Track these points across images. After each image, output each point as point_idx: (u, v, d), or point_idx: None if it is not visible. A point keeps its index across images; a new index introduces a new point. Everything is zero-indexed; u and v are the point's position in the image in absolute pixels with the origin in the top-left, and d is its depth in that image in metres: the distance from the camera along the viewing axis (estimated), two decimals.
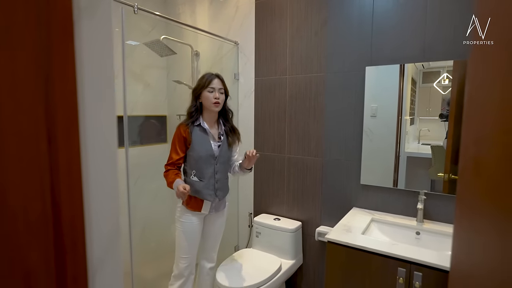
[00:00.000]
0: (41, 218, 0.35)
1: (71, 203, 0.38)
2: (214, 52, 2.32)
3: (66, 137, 0.36)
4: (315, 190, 1.96)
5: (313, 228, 1.97)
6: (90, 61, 0.37)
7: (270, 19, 2.04)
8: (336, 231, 1.47)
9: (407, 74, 1.63)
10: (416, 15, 1.56)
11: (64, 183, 0.37)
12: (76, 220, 0.38)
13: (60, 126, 0.36)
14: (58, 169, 0.36)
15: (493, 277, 0.50)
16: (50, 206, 0.36)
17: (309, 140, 1.95)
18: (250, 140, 2.21)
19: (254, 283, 1.60)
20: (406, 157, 1.66)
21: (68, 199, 0.37)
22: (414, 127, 1.68)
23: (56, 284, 0.37)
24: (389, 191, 1.70)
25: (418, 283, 1.18)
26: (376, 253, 1.28)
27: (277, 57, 2.04)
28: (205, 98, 1.55)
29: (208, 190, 1.58)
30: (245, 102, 2.22)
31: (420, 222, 1.55)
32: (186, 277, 1.62)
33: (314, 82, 1.90)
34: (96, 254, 0.41)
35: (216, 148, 1.60)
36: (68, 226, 0.38)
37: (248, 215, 2.28)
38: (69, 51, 0.34)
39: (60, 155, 0.36)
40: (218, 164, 1.61)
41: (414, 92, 1.67)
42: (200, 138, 1.56)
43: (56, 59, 0.33)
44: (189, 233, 1.60)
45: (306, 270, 2.05)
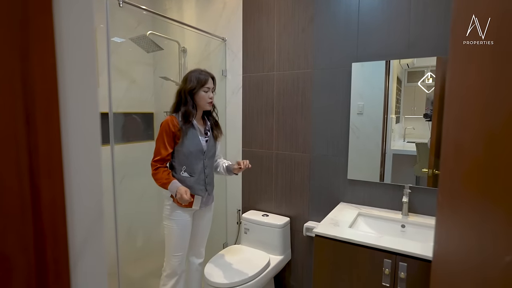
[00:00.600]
0: (18, 199, 0.34)
1: (50, 185, 0.37)
2: (201, 48, 2.31)
3: (46, 116, 0.35)
4: (303, 185, 1.97)
5: (301, 223, 1.98)
6: (70, 34, 0.36)
7: (258, 16, 2.05)
8: (323, 225, 1.48)
9: (392, 73, 1.66)
10: (401, 13, 1.59)
11: (44, 163, 0.36)
12: (56, 202, 0.37)
13: (39, 104, 0.34)
14: (37, 149, 0.35)
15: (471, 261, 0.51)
16: (28, 188, 0.35)
17: (297, 136, 1.97)
18: (238, 136, 2.21)
19: (242, 278, 1.60)
20: (392, 154, 1.70)
21: (48, 180, 0.36)
22: (399, 125, 1.71)
23: (35, 268, 0.36)
24: (376, 186, 1.73)
25: (403, 274, 1.21)
26: (362, 245, 1.30)
27: (265, 53, 2.04)
28: (200, 97, 1.56)
29: (199, 186, 1.59)
30: (232, 99, 2.22)
31: (405, 215, 1.58)
32: (179, 275, 1.61)
33: (302, 78, 1.91)
34: (78, 236, 0.40)
35: (204, 143, 1.61)
36: (48, 209, 0.37)
37: (236, 212, 2.28)
38: (47, 24, 0.33)
39: (39, 135, 0.35)
40: (207, 159, 1.63)
41: (400, 91, 1.70)
42: (190, 134, 1.56)
43: (34, 32, 0.32)
44: (182, 230, 1.58)
45: (294, 265, 2.07)
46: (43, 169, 0.36)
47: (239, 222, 2.26)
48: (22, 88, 0.34)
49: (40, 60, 0.33)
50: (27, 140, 0.34)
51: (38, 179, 0.36)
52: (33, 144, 0.35)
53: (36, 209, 0.35)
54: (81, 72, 0.38)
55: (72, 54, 0.37)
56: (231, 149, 2.26)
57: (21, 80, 0.33)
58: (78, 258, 0.40)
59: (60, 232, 0.39)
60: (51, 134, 0.37)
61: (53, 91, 0.36)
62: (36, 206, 0.35)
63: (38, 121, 0.35)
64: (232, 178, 2.28)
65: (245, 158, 2.19)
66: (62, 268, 0.39)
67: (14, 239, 0.34)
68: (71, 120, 0.38)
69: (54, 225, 0.38)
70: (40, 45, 0.33)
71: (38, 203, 0.36)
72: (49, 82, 0.36)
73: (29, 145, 0.35)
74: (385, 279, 1.25)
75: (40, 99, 0.35)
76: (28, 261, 0.35)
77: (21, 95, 0.34)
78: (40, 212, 0.36)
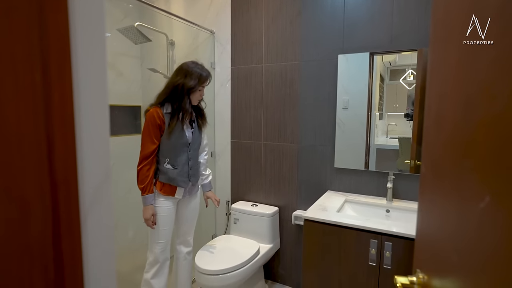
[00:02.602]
0: (35, 148, 0.35)
1: (64, 138, 0.38)
2: (189, 41, 2.31)
3: (60, 71, 0.37)
4: (291, 175, 2.01)
5: (289, 213, 2.02)
6: None
7: (246, 8, 2.07)
8: (312, 210, 1.53)
9: (376, 71, 1.72)
10: (384, 8, 1.66)
11: (57, 118, 0.38)
12: (68, 155, 0.39)
13: (53, 58, 0.36)
14: (51, 103, 0.37)
15: (450, 227, 0.55)
16: (44, 137, 0.36)
17: (285, 127, 2.01)
18: (226, 128, 2.23)
19: (233, 265, 1.62)
20: (376, 149, 1.76)
21: (61, 134, 0.38)
22: (382, 122, 1.78)
23: (51, 218, 0.37)
24: (362, 173, 1.79)
25: (388, 253, 1.27)
26: (350, 227, 1.35)
27: (253, 46, 2.07)
28: (196, 95, 1.56)
29: (182, 177, 1.58)
30: (221, 91, 2.23)
31: (390, 201, 1.65)
32: (161, 263, 1.61)
33: (289, 70, 1.95)
34: (88, 193, 0.41)
35: (190, 135, 1.61)
36: (62, 162, 0.38)
37: (225, 203, 2.30)
38: None
39: (54, 89, 0.37)
40: (192, 151, 1.62)
41: (383, 89, 1.77)
42: (176, 126, 1.53)
43: None
44: (163, 217, 1.58)
45: (283, 254, 2.11)
46: (56, 123, 0.38)
47: (228, 213, 2.29)
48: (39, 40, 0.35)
49: (54, 17, 0.35)
50: (43, 91, 0.36)
51: (52, 131, 0.37)
52: (48, 97, 0.37)
53: (51, 159, 0.37)
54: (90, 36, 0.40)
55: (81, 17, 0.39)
56: (220, 141, 2.28)
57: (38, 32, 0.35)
58: (87, 213, 0.42)
59: (72, 186, 0.40)
60: (64, 88, 0.39)
61: (66, 47, 0.38)
62: (51, 156, 0.37)
63: (52, 73, 0.37)
64: (221, 169, 2.30)
65: (234, 149, 2.22)
66: (74, 220, 0.41)
67: (33, 187, 0.36)
68: (82, 78, 0.40)
69: (66, 178, 0.39)
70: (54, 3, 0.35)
71: (52, 153, 0.37)
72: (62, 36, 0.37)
73: (45, 96, 0.36)
74: (371, 259, 1.30)
75: (55, 52, 0.37)
76: (45, 209, 0.37)
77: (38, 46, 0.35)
78: (54, 163, 0.38)
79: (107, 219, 0.43)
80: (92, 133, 0.42)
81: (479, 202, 0.45)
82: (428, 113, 0.65)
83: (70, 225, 0.40)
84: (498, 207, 0.41)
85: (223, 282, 1.60)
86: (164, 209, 1.58)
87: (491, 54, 0.44)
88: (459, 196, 0.52)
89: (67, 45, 0.38)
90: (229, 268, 1.61)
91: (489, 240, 0.42)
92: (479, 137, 0.46)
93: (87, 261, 0.42)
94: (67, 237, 0.39)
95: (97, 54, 0.40)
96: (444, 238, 0.58)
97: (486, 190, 0.43)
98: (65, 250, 0.39)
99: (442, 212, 0.60)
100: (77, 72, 0.39)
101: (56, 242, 0.38)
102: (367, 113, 1.75)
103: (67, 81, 0.38)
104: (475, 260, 0.46)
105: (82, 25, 0.38)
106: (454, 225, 0.54)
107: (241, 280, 1.67)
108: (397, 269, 1.25)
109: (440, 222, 0.62)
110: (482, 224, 0.45)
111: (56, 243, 0.38)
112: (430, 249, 0.65)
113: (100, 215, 0.42)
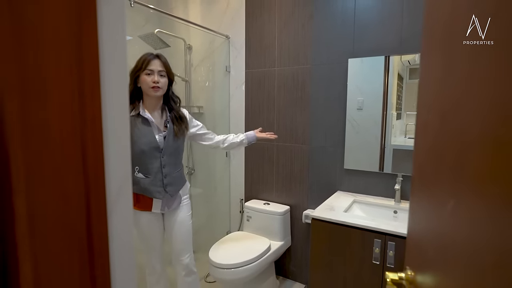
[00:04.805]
0: (73, 154, 0.45)
1: (94, 146, 0.48)
2: (206, 45, 2.42)
3: (92, 94, 0.46)
4: (302, 175, 2.08)
5: (300, 211, 2.09)
6: (108, 32, 0.47)
7: (260, 13, 2.15)
8: (320, 209, 1.59)
9: (392, 70, 1.71)
10: (394, 11, 1.68)
11: (89, 130, 0.47)
12: (97, 160, 0.48)
13: (87, 84, 0.46)
14: (85, 119, 0.46)
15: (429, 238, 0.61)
16: (79, 145, 0.46)
17: (296, 128, 2.07)
18: (241, 129, 2.32)
19: (244, 260, 1.71)
20: (392, 149, 1.75)
21: (92, 143, 0.47)
22: (401, 121, 1.77)
23: (85, 209, 0.47)
24: (371, 175, 1.83)
25: (391, 252, 1.31)
26: (355, 227, 1.41)
27: (266, 50, 2.15)
28: (143, 81, 1.36)
29: (156, 187, 1.41)
30: (236, 93, 2.32)
31: (398, 202, 1.68)
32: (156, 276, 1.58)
33: (301, 73, 2.01)
34: (113, 190, 0.51)
35: (161, 139, 1.41)
36: (92, 165, 0.48)
37: (239, 201, 2.39)
38: (93, 22, 0.44)
39: (87, 108, 0.46)
40: (165, 157, 1.42)
41: (401, 88, 1.75)
42: (141, 129, 1.36)
43: (86, 25, 0.43)
44: (141, 233, 1.49)
45: (294, 251, 2.18)
46: (89, 136, 0.47)
47: (242, 211, 2.38)
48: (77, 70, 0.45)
49: (88, 47, 0.44)
50: (79, 110, 0.46)
51: (85, 142, 0.47)
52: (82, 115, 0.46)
53: (85, 165, 0.47)
54: (115, 64, 0.49)
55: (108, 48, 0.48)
56: None
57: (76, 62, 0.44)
58: (112, 208, 0.52)
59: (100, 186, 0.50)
60: (94, 107, 0.48)
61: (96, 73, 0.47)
62: (85, 163, 0.47)
63: (86, 95, 0.46)
64: (235, 168, 2.39)
65: (248, 149, 2.30)
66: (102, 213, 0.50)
67: (73, 185, 0.45)
68: (108, 99, 0.49)
69: (96, 179, 0.49)
70: (89, 36, 0.44)
71: (86, 160, 0.47)
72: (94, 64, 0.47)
73: (81, 115, 0.46)
74: (375, 257, 1.35)
75: (88, 78, 0.46)
76: (80, 203, 0.46)
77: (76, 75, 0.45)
78: (87, 168, 0.47)
79: (127, 214, 0.53)
80: (115, 142, 0.52)
81: (447, 204, 0.51)
82: (417, 122, 0.71)
83: (99, 217, 0.49)
84: (459, 209, 0.47)
85: (235, 275, 1.69)
86: (140, 224, 1.47)
87: (463, 72, 0.50)
88: (434, 198, 0.58)
89: (97, 74, 0.47)
90: (241, 263, 1.70)
91: (456, 238, 0.48)
92: (448, 148, 0.52)
93: (112, 248, 0.51)
94: (97, 226, 0.49)
95: (120, 81, 0.50)
96: (425, 237, 0.64)
97: (451, 194, 0.49)
98: (95, 237, 0.48)
99: (424, 213, 0.66)
100: (104, 95, 0.48)
101: (89, 230, 0.48)
102: (382, 113, 1.75)
103: (97, 101, 0.48)
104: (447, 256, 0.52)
105: (108, 59, 0.48)
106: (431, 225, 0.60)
107: (253, 274, 1.75)
108: (400, 268, 1.30)
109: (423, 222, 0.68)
110: (450, 224, 0.51)
111: (89, 231, 0.47)
112: (416, 247, 0.71)
113: (122, 210, 0.52)
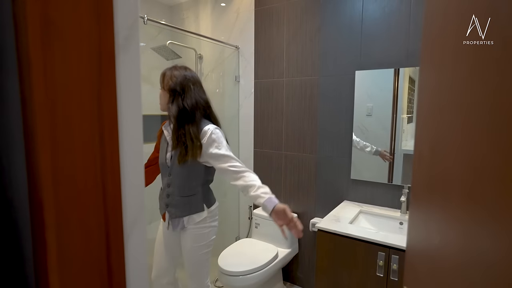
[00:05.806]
0: (95, 189, 0.51)
1: (112, 181, 0.54)
2: (216, 55, 2.48)
3: (110, 134, 0.52)
4: (309, 184, 2.11)
5: (308, 220, 2.12)
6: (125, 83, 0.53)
7: (269, 25, 2.20)
8: (326, 220, 1.62)
9: (403, 74, 1.71)
10: (401, 25, 1.70)
11: (109, 167, 0.53)
12: (115, 193, 0.54)
13: (106, 124, 0.51)
14: (105, 156, 0.52)
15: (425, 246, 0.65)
16: (100, 181, 0.52)
17: (304, 138, 2.11)
18: (250, 137, 2.37)
19: (252, 267, 1.76)
20: (403, 154, 1.75)
21: (111, 178, 0.53)
22: (412, 125, 1.76)
23: (105, 237, 0.53)
24: (377, 185, 1.85)
25: (395, 265, 1.34)
26: (359, 239, 1.44)
27: (275, 60, 2.19)
28: None
29: (161, 202, 1.42)
30: (245, 103, 2.38)
31: (404, 214, 1.70)
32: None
33: (309, 84, 2.05)
34: (129, 220, 0.57)
35: (168, 155, 1.36)
36: (111, 198, 0.54)
37: (248, 208, 2.44)
38: (112, 74, 0.50)
39: (107, 147, 0.52)
40: (172, 177, 1.33)
41: (413, 91, 1.74)
42: (162, 142, 1.42)
43: (105, 79, 0.49)
44: (156, 242, 1.50)
45: (301, 259, 2.21)
46: (108, 171, 0.53)
47: (250, 218, 2.43)
48: (98, 116, 0.50)
49: (107, 98, 0.50)
50: (100, 151, 0.51)
51: (105, 177, 0.53)
52: (102, 154, 0.52)
53: (105, 198, 0.52)
54: (131, 106, 0.55)
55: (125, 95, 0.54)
56: (244, 150, 2.43)
57: (97, 109, 0.50)
58: (129, 236, 0.57)
59: (118, 217, 0.55)
60: (113, 146, 0.54)
61: (114, 117, 0.53)
62: (105, 196, 0.52)
63: (106, 137, 0.52)
64: None
65: (257, 158, 2.35)
66: (119, 240, 0.56)
67: (94, 217, 0.51)
68: (125, 138, 0.55)
69: (115, 211, 0.55)
70: (108, 87, 0.50)
71: (106, 193, 0.53)
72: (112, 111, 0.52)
73: (101, 154, 0.52)
74: (379, 270, 1.38)
75: (108, 123, 0.52)
76: (100, 232, 0.52)
77: (96, 120, 0.51)
78: (107, 200, 0.53)
79: (141, 241, 0.58)
80: (131, 178, 0.57)
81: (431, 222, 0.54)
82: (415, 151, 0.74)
83: (117, 244, 0.55)
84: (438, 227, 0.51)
85: (244, 282, 1.74)
86: (158, 233, 1.49)
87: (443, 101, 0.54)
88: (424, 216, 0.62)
89: (115, 116, 0.53)
90: (249, 270, 1.75)
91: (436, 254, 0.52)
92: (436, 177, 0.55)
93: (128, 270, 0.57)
94: (115, 252, 0.55)
95: (135, 126, 0.55)
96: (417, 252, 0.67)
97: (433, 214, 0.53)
98: (113, 261, 0.54)
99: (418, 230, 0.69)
100: (121, 136, 0.54)
101: (108, 254, 0.53)
102: (391, 118, 1.75)
103: (115, 141, 0.54)
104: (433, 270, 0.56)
105: (125, 103, 0.53)
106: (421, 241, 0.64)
107: (260, 281, 1.80)
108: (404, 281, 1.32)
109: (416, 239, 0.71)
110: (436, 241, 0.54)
111: (108, 255, 0.53)
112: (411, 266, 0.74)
113: (137, 238, 0.57)
